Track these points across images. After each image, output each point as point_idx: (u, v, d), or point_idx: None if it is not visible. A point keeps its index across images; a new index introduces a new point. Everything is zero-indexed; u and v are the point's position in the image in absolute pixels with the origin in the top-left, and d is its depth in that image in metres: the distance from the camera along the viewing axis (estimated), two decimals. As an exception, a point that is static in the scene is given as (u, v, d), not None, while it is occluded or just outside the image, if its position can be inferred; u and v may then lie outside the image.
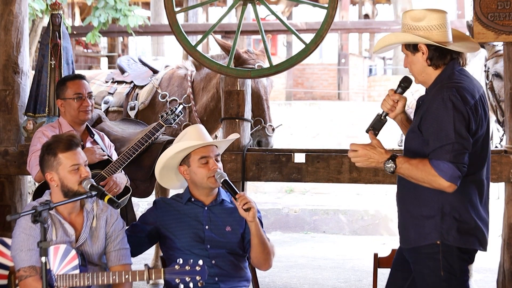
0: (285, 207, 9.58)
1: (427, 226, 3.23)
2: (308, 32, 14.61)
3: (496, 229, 6.51)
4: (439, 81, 3.26)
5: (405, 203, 3.34)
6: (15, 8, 5.14)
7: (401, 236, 3.40)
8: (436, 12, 3.28)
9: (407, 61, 3.35)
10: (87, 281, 3.34)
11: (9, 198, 5.12)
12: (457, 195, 3.18)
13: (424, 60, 3.28)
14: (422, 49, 3.27)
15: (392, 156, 3.21)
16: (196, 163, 3.71)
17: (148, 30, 14.93)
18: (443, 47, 3.25)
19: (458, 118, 3.12)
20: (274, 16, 5.04)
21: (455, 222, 3.20)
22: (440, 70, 3.29)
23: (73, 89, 4.48)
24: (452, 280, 3.23)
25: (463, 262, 3.25)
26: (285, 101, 16.86)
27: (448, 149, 3.09)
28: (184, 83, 5.80)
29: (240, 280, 3.72)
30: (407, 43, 3.31)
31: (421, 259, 3.28)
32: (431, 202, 3.22)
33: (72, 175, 3.52)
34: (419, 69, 3.32)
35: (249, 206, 3.52)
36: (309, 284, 6.47)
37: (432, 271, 3.24)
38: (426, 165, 3.12)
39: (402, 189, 3.37)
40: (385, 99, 3.41)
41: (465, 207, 3.22)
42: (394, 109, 3.40)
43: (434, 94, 3.21)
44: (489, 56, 5.37)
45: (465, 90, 3.18)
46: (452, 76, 3.24)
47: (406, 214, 3.33)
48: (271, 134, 5.32)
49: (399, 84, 3.41)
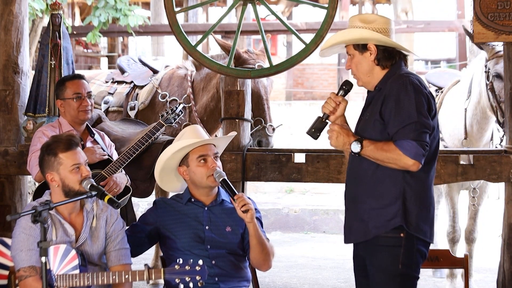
0: (285, 207, 9.57)
1: (389, 212, 3.28)
2: (308, 32, 14.58)
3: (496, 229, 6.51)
4: (391, 75, 3.35)
5: (362, 198, 3.37)
6: (15, 8, 5.14)
7: (355, 231, 3.40)
8: (385, 18, 3.41)
9: (352, 62, 3.43)
10: (87, 281, 3.34)
11: (9, 198, 5.12)
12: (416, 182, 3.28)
13: (371, 60, 3.37)
14: (371, 49, 3.37)
15: (359, 138, 3.31)
16: (194, 162, 3.71)
17: (148, 30, 14.91)
18: (391, 48, 3.36)
19: (419, 99, 3.24)
20: (274, 16, 5.04)
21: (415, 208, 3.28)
22: (386, 70, 3.38)
23: (72, 89, 4.47)
24: (407, 275, 3.29)
25: (420, 257, 3.33)
26: (285, 101, 16.86)
27: (411, 128, 3.19)
28: (184, 83, 5.80)
29: (240, 280, 3.72)
30: (357, 43, 3.37)
31: (379, 251, 3.31)
32: (391, 190, 3.29)
33: (73, 174, 3.52)
34: (365, 69, 3.40)
35: (247, 208, 3.53)
36: (309, 284, 6.47)
37: (391, 263, 3.28)
38: (390, 145, 3.22)
39: (357, 186, 3.40)
40: (327, 102, 3.46)
41: (424, 195, 3.31)
42: (335, 112, 3.45)
43: (392, 82, 3.30)
44: (490, 57, 5.37)
45: (419, 80, 3.31)
46: (404, 69, 3.38)
47: (363, 207, 3.35)
48: (271, 134, 5.32)
49: (341, 87, 3.47)
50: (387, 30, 3.36)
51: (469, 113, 5.62)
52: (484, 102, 5.44)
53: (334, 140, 3.36)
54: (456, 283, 5.90)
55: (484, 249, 7.16)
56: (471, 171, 4.68)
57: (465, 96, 5.68)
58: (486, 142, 5.68)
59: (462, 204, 6.34)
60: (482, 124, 5.56)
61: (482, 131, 5.61)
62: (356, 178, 3.41)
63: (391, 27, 3.39)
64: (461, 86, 5.89)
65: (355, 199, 3.42)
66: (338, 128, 3.35)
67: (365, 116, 3.41)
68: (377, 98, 3.36)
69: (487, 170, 4.64)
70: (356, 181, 3.42)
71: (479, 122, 5.57)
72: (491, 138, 5.72)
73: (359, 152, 3.29)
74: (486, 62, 5.41)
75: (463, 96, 5.72)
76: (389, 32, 3.37)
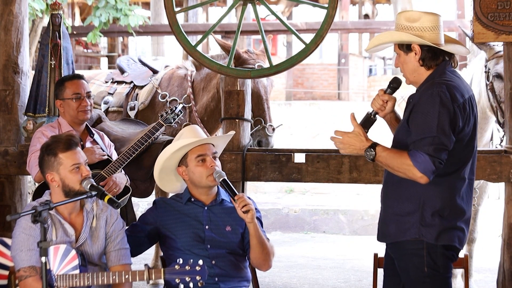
0: (285, 207, 9.57)
1: (407, 222, 3.28)
2: (308, 32, 14.59)
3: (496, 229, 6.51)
4: (431, 79, 3.31)
5: (388, 199, 3.39)
6: (15, 8, 5.14)
7: (380, 231, 3.45)
8: (431, 15, 3.34)
9: (399, 60, 3.40)
10: (87, 281, 3.34)
11: (9, 198, 5.12)
12: (439, 191, 3.25)
13: (416, 60, 3.34)
14: (415, 49, 3.32)
15: (373, 144, 3.27)
16: (193, 162, 3.70)
17: (148, 30, 14.93)
18: (436, 48, 3.31)
19: (443, 114, 3.18)
20: (274, 16, 5.03)
21: (435, 219, 3.25)
22: (431, 71, 3.34)
23: (71, 89, 4.47)
24: (435, 276, 3.29)
25: (446, 259, 3.32)
26: (285, 101, 16.85)
27: (428, 141, 3.15)
28: (184, 83, 5.80)
29: (240, 280, 3.72)
30: (401, 43, 3.35)
31: (405, 256, 3.33)
32: (413, 198, 3.28)
33: (73, 174, 3.52)
34: (411, 69, 3.37)
35: (248, 208, 3.53)
36: (309, 284, 6.47)
37: (416, 267, 3.29)
38: (403, 155, 3.19)
39: (387, 186, 3.43)
40: (375, 99, 3.47)
41: (446, 204, 3.28)
42: (384, 109, 3.45)
43: (424, 89, 3.28)
44: (490, 57, 5.37)
45: (454, 88, 3.24)
46: (443, 75, 3.30)
47: (388, 210, 3.39)
48: (271, 134, 5.31)
49: (389, 85, 3.46)
50: (433, 28, 3.29)
51: None
52: (484, 102, 5.43)
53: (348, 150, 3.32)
54: (456, 283, 5.89)
55: (484, 249, 7.16)
56: (471, 171, 4.67)
57: None
58: (486, 142, 5.68)
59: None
60: (482, 124, 5.55)
61: (482, 131, 5.60)
62: (387, 178, 3.42)
63: (437, 24, 3.31)
64: None
65: (384, 200, 3.44)
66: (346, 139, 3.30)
67: (403, 118, 3.39)
68: (411, 102, 3.33)
69: (487, 170, 4.64)
70: (386, 181, 3.43)
71: (479, 122, 5.55)
72: (491, 138, 5.71)
73: (373, 159, 3.26)
74: (486, 62, 5.41)
75: None
76: (435, 30, 3.30)
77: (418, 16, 3.32)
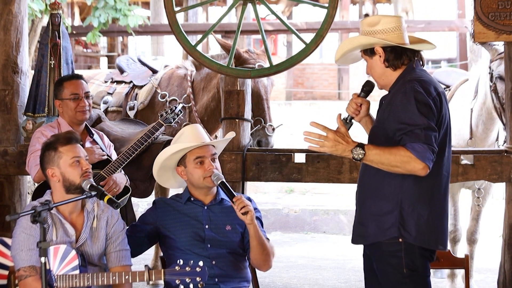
0: (285, 207, 9.56)
1: (386, 221, 3.28)
2: (308, 32, 14.59)
3: (496, 229, 6.50)
4: (401, 78, 3.32)
5: (365, 201, 3.39)
6: (14, 8, 5.12)
7: (356, 233, 3.45)
8: (391, 17, 3.39)
9: (367, 66, 3.43)
10: (87, 281, 3.33)
11: (8, 198, 5.11)
12: (416, 189, 3.25)
13: (381, 62, 3.36)
14: (379, 52, 3.35)
15: (360, 143, 3.25)
16: (192, 164, 3.70)
17: (148, 30, 14.91)
18: (399, 47, 3.33)
19: (421, 106, 3.19)
20: (274, 16, 5.03)
21: (414, 218, 3.25)
22: (400, 71, 3.36)
23: (69, 89, 4.46)
24: (414, 277, 3.30)
25: (425, 259, 3.33)
26: (285, 101, 16.85)
27: (418, 133, 3.15)
28: (184, 83, 5.79)
29: (240, 280, 3.71)
30: (363, 48, 3.38)
31: (383, 257, 3.33)
32: (390, 197, 3.27)
33: (74, 168, 3.52)
34: (378, 72, 3.39)
35: (247, 209, 3.52)
36: (309, 285, 6.46)
37: (395, 268, 3.30)
38: (400, 149, 3.16)
39: (363, 187, 3.43)
40: (349, 103, 3.48)
41: (424, 202, 3.28)
42: (358, 113, 3.47)
43: (397, 89, 3.28)
44: (493, 58, 5.34)
45: (426, 83, 3.26)
46: (413, 73, 3.32)
47: (365, 212, 3.39)
48: (271, 134, 5.31)
49: (362, 88, 3.48)
50: (394, 29, 3.32)
51: (474, 113, 5.58)
52: (489, 103, 5.40)
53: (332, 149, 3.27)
54: (456, 284, 5.89)
55: (485, 249, 7.15)
56: (472, 171, 4.67)
57: (472, 96, 5.65)
58: (491, 143, 5.64)
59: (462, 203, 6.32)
60: (488, 125, 5.52)
61: (488, 132, 5.57)
62: (362, 179, 3.42)
63: (398, 25, 3.34)
64: (468, 86, 5.85)
65: (360, 202, 3.44)
66: (332, 136, 3.25)
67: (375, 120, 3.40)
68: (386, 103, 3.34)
69: (487, 170, 4.63)
70: (362, 183, 3.42)
71: (485, 122, 5.53)
72: (497, 138, 5.68)
73: (362, 158, 3.22)
74: (490, 63, 5.39)
75: (470, 96, 5.69)
76: (397, 31, 3.33)
77: (378, 20, 3.35)
